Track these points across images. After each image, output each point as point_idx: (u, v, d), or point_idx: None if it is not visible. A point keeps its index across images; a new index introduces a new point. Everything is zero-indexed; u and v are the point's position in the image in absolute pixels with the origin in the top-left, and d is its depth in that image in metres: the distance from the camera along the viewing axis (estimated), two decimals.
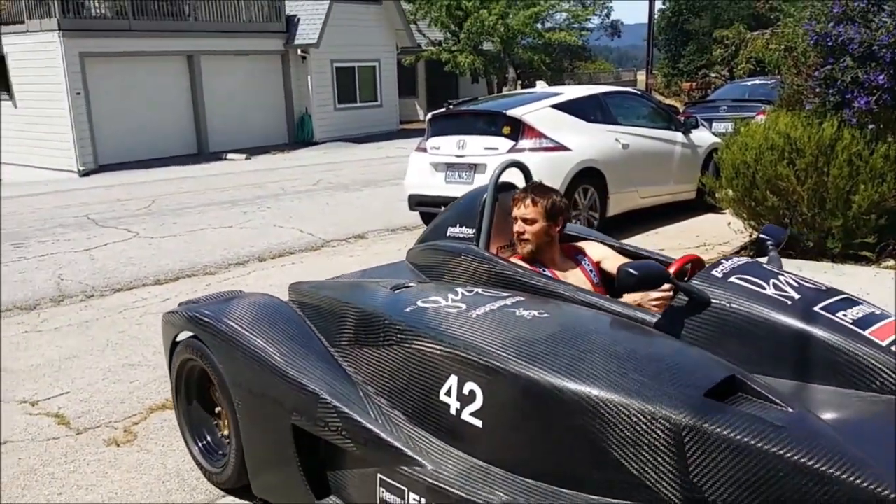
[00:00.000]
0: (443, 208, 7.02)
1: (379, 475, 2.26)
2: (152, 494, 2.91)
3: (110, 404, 3.74)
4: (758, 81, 12.30)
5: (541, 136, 6.72)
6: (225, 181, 12.57)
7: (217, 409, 2.94)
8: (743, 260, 2.40)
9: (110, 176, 14.92)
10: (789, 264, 5.41)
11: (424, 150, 7.39)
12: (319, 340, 2.65)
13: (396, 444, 2.21)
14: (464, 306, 2.42)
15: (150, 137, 17.17)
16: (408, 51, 23.76)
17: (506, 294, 2.52)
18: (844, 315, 2.15)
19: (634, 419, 1.83)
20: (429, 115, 7.62)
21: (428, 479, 2.11)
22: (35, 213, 9.71)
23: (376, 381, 2.41)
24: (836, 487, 1.60)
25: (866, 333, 2.07)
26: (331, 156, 17.09)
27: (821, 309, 2.16)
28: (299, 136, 20.41)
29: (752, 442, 1.70)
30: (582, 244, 3.03)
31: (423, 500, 2.13)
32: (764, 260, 2.55)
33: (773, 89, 10.90)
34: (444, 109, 7.51)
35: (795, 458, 1.65)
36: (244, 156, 17.57)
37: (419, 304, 2.50)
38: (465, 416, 2.13)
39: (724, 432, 1.72)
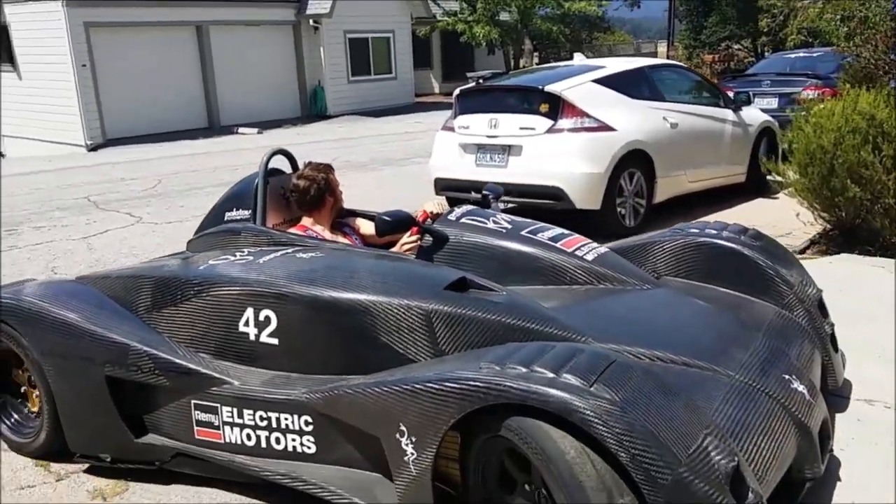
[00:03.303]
0: (472, 193, 6.48)
1: (193, 401, 2.64)
2: None
3: None
4: (801, 54, 11.49)
5: (582, 114, 6.05)
6: (235, 158, 11.92)
7: (23, 389, 3.16)
8: (470, 207, 3.12)
9: (117, 151, 14.35)
10: (868, 261, 4.81)
11: (452, 129, 6.73)
12: (122, 308, 2.97)
13: (206, 370, 2.61)
14: (251, 258, 2.87)
15: (159, 111, 16.56)
16: (422, 21, 22.94)
17: (286, 248, 2.97)
18: (543, 235, 2.97)
19: (395, 312, 2.44)
20: (456, 91, 6.94)
21: (236, 392, 2.53)
22: (33, 195, 9.14)
23: (180, 332, 2.79)
24: (534, 335, 2.36)
25: (558, 245, 2.93)
26: (345, 130, 16.43)
27: (527, 233, 2.96)
28: (313, 109, 19.73)
29: (479, 314, 2.41)
30: (346, 219, 3.52)
31: (234, 410, 2.54)
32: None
33: (821, 62, 10.20)
34: (473, 84, 6.83)
35: (508, 321, 2.40)
36: (256, 130, 16.94)
37: (210, 262, 2.93)
38: (263, 338, 2.60)
39: (459, 311, 2.42)
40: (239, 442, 2.55)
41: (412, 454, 2.11)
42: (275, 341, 2.57)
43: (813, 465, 2.28)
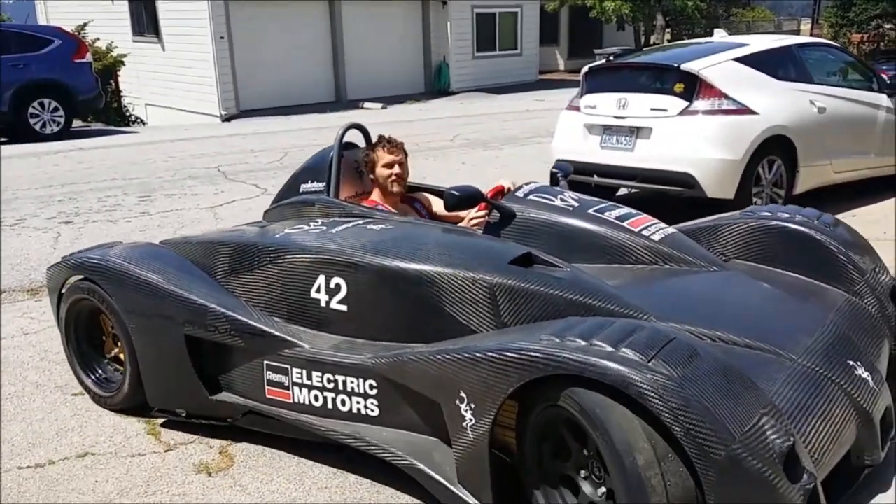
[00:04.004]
0: (595, 177, 6.23)
1: (265, 362, 2.76)
2: None
3: None
4: None
5: (721, 95, 5.64)
6: (359, 134, 12.09)
7: (108, 348, 3.37)
8: (537, 184, 3.16)
9: (249, 122, 14.87)
10: None
11: (577, 108, 6.46)
12: (201, 272, 3.11)
13: (278, 333, 2.73)
14: (324, 227, 2.97)
15: (290, 83, 17.03)
16: None
17: (357, 219, 3.05)
18: (610, 214, 2.97)
19: (460, 284, 2.49)
20: (584, 69, 6.65)
21: (307, 355, 2.65)
22: (168, 163, 9.58)
23: (256, 296, 2.92)
24: (595, 311, 2.38)
25: (625, 224, 2.93)
26: (467, 107, 16.33)
27: (594, 211, 2.98)
28: (436, 85, 19.75)
29: (542, 289, 2.45)
30: (417, 194, 3.55)
31: (303, 372, 2.65)
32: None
33: None
34: (602, 62, 6.52)
35: (571, 296, 2.43)
36: (380, 105, 17.12)
37: (286, 230, 3.05)
38: (333, 304, 2.71)
39: (523, 285, 2.45)
40: (307, 402, 2.66)
41: (471, 420, 2.18)
42: (344, 308, 2.68)
43: (873, 451, 2.31)
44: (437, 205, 3.45)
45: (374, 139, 3.46)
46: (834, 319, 2.61)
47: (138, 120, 17.78)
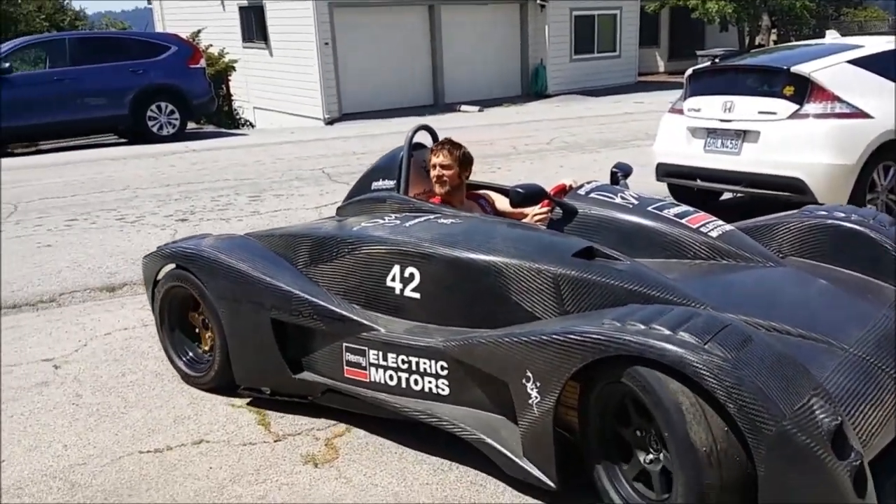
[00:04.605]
0: (699, 181, 6.09)
1: (344, 344, 2.98)
2: None
3: (316, 405, 3.25)
4: None
5: (833, 98, 5.43)
6: (456, 137, 12.18)
7: (197, 331, 3.63)
8: (599, 182, 3.34)
9: (351, 125, 15.27)
10: None
11: (680, 111, 6.35)
12: (284, 262, 3.34)
13: (357, 318, 2.95)
14: (398, 222, 3.17)
15: (389, 87, 17.40)
16: None
17: (428, 214, 3.24)
18: (669, 212, 3.13)
19: (526, 274, 2.66)
20: (688, 71, 6.52)
21: (383, 338, 2.86)
22: (276, 164, 9.98)
23: (335, 284, 3.13)
24: (654, 301, 2.50)
25: (683, 221, 3.07)
26: (564, 110, 16.23)
27: (653, 209, 3.12)
28: (532, 87, 19.72)
29: (603, 280, 2.61)
30: (482, 192, 3.76)
31: (380, 353, 2.86)
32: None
33: None
34: (707, 64, 6.38)
35: (630, 287, 2.58)
36: (477, 108, 17.25)
37: (363, 224, 3.27)
38: (407, 292, 2.90)
39: (585, 276, 2.63)
40: (382, 382, 2.87)
41: (536, 398, 2.34)
42: (417, 295, 2.88)
43: None
44: (501, 203, 3.62)
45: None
46: (886, 314, 2.70)
47: (247, 123, 18.54)
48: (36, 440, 3.13)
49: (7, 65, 11.79)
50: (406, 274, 2.90)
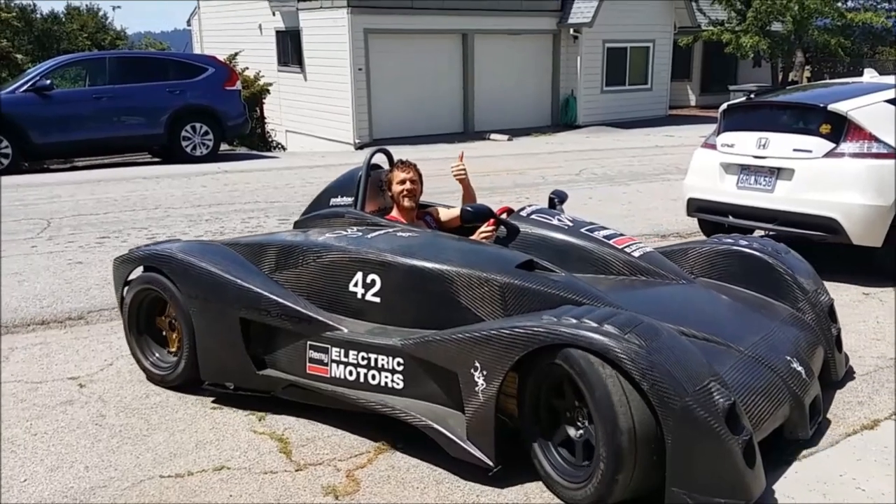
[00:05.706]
0: (731, 217, 6.00)
1: (308, 342, 3.28)
2: None
3: (338, 434, 3.29)
4: None
5: (871, 138, 5.34)
6: (485, 165, 12.21)
7: (163, 333, 3.87)
8: (538, 206, 3.84)
9: None
10: None
11: (713, 146, 6.29)
12: (252, 266, 3.64)
13: (321, 318, 3.27)
14: (360, 234, 3.53)
15: (420, 114, 17.52)
16: (685, 30, 21.90)
17: (387, 228, 3.64)
18: (599, 234, 3.67)
19: (475, 282, 3.07)
20: (723, 106, 6.47)
21: (345, 337, 3.18)
22: (305, 188, 10.03)
23: (301, 289, 3.44)
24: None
25: (611, 242, 3.62)
26: (594, 141, 16.20)
27: (585, 230, 3.67)
28: (562, 118, 19.74)
29: (542, 288, 3.05)
30: (430, 209, 4.15)
31: (342, 351, 3.18)
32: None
33: None
34: (743, 99, 6.32)
35: (565, 294, 3.03)
36: (507, 137, 17.29)
37: (327, 234, 3.59)
38: (369, 297, 3.25)
39: (526, 284, 3.06)
40: (342, 377, 3.18)
41: (482, 385, 2.72)
42: (377, 300, 3.24)
43: (801, 429, 2.99)
44: (444, 215, 4.10)
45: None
46: (778, 325, 3.33)
47: (279, 145, 18.75)
48: (58, 460, 3.13)
49: (48, 82, 12.06)
50: (368, 280, 3.25)
